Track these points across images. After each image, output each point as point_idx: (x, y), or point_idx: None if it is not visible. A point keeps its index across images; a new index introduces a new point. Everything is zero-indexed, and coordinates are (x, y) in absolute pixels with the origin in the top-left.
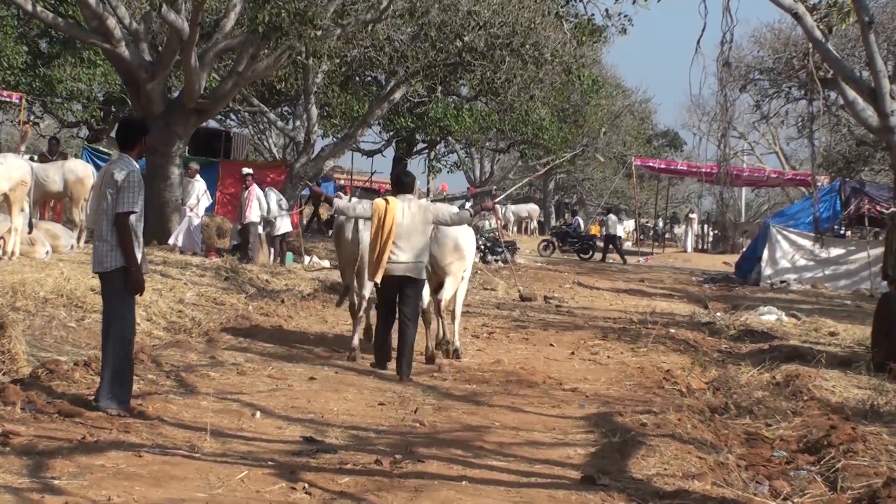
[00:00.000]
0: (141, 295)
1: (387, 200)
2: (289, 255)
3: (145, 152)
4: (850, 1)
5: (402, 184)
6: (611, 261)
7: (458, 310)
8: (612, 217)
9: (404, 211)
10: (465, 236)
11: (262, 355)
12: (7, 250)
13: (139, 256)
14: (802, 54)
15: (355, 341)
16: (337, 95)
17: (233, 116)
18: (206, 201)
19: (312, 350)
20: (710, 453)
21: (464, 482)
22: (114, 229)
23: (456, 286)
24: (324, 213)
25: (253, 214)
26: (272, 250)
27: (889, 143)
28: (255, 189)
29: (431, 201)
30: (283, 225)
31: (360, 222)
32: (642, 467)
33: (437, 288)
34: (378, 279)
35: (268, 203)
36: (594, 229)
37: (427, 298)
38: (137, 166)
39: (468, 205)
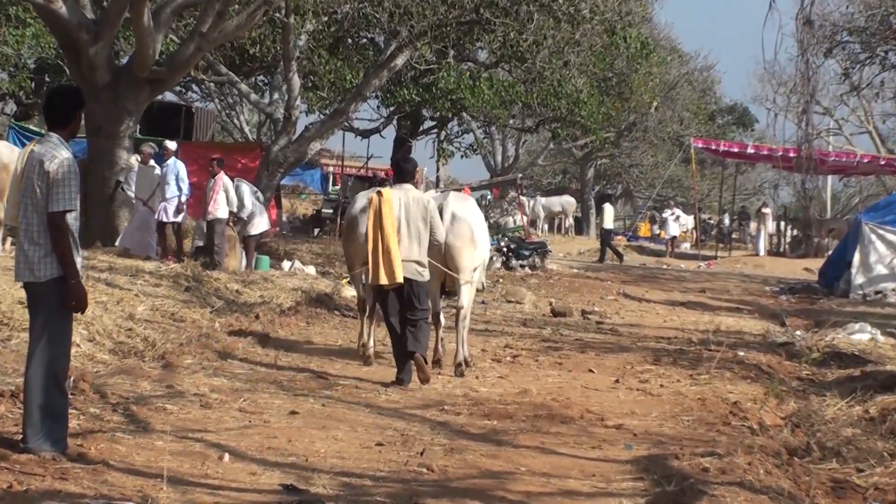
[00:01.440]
0: (82, 312)
1: (380, 193)
2: (264, 259)
3: (94, 133)
4: None
5: (401, 171)
6: (665, 266)
7: (468, 311)
8: (608, 207)
9: (401, 203)
10: (480, 224)
11: (232, 384)
12: None
13: (79, 264)
14: None
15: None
16: (324, 62)
17: (195, 88)
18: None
19: (294, 377)
20: None
21: None
22: (47, 231)
23: (473, 290)
24: (305, 208)
25: (219, 209)
26: (244, 253)
27: None
28: (223, 178)
29: (440, 191)
30: (259, 223)
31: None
32: None
33: (442, 292)
34: (385, 281)
35: (241, 196)
36: (644, 227)
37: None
38: (71, 151)
39: (489, 197)
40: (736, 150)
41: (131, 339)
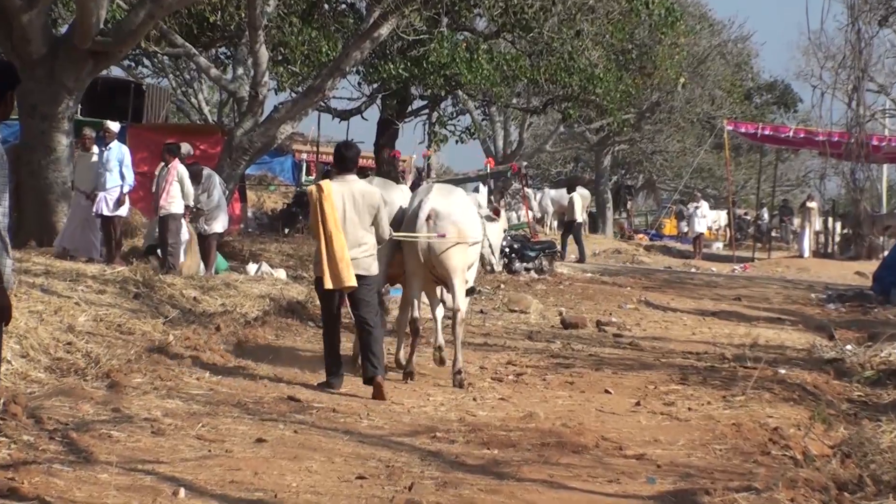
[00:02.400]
0: (6, 324)
1: (320, 186)
2: (220, 260)
3: (27, 114)
4: None
5: (342, 160)
6: (693, 269)
7: (462, 315)
8: (577, 197)
9: (344, 197)
10: (470, 219)
11: (189, 406)
12: None
13: (7, 269)
14: None
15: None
16: (297, 31)
17: (146, 62)
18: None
19: (261, 399)
20: None
21: None
22: None
23: (464, 288)
24: (274, 202)
25: (173, 203)
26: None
27: None
28: (178, 166)
29: (433, 182)
30: (222, 219)
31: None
32: None
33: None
34: (335, 284)
35: (210, 187)
36: (669, 224)
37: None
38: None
39: (483, 191)
40: (776, 134)
41: (71, 354)
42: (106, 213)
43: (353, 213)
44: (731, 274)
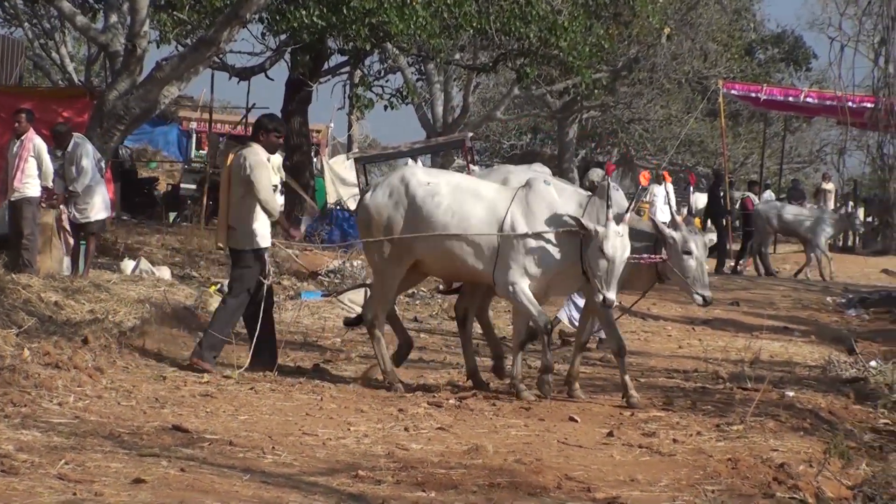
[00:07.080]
0: None
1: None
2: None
3: None
4: None
5: (256, 129)
6: None
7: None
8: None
9: (231, 164)
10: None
11: (49, 439)
12: None
13: None
14: None
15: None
16: None
17: None
18: None
19: (140, 429)
20: None
21: None
22: None
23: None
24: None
25: (29, 185)
26: (71, 247)
27: None
28: (34, 138)
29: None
30: (100, 204)
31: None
32: None
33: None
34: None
35: (77, 159)
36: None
37: None
38: None
39: (422, 165)
40: (784, 98)
41: None
42: None
43: (232, 182)
44: (727, 273)
